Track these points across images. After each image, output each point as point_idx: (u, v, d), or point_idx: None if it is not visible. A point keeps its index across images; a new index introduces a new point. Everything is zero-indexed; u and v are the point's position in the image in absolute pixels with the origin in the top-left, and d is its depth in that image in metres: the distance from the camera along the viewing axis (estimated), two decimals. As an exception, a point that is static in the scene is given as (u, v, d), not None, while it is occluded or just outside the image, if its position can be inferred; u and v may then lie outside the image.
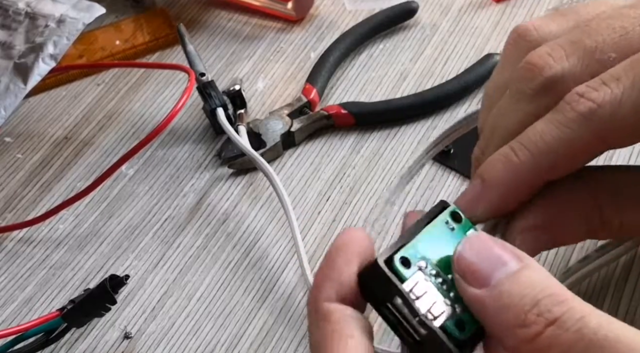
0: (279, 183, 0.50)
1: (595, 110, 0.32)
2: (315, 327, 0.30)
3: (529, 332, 0.27)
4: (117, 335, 0.46)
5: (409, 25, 0.62)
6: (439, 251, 0.31)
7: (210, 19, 0.65)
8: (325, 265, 0.31)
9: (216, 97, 0.55)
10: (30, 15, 0.58)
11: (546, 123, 0.33)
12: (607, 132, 0.32)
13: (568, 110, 0.32)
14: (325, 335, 0.29)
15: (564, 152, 0.32)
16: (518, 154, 0.33)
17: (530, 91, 0.34)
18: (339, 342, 0.29)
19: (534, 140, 0.33)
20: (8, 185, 0.55)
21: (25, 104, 0.60)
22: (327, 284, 0.30)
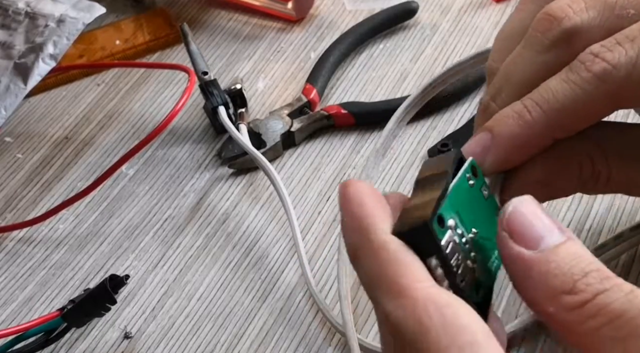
0: (279, 182, 0.50)
1: (610, 72, 0.32)
2: (372, 260, 0.29)
3: (577, 299, 0.27)
4: (117, 335, 0.46)
5: (409, 25, 0.62)
6: (466, 209, 0.31)
7: (210, 18, 0.65)
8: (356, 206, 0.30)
9: (218, 95, 0.55)
10: (30, 15, 0.58)
11: (560, 82, 0.33)
12: (620, 94, 0.32)
13: (582, 70, 0.32)
14: (387, 262, 0.28)
15: (576, 112, 0.33)
16: (531, 112, 0.33)
17: (548, 42, 0.34)
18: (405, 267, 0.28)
19: (547, 98, 0.33)
20: (8, 185, 0.55)
21: (25, 104, 0.60)
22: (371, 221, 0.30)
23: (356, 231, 0.30)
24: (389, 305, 0.28)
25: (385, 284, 0.28)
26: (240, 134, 0.54)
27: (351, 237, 0.30)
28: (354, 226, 0.30)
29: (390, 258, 0.28)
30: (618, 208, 0.48)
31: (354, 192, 0.31)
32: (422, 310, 0.27)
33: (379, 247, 0.29)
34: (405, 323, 0.27)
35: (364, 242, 0.30)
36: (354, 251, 0.30)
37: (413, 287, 0.27)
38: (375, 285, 0.29)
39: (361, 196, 0.31)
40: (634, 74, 0.32)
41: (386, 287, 0.28)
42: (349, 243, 0.30)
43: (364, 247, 0.30)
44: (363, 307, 0.46)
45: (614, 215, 0.48)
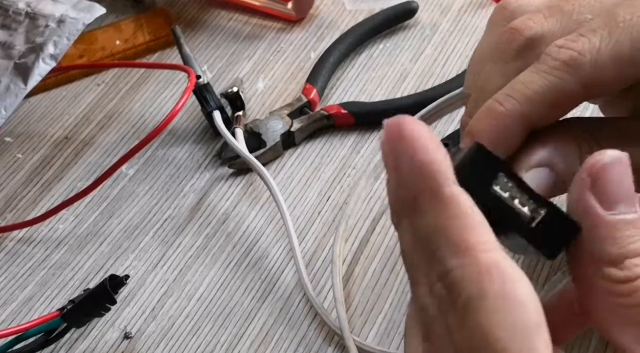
0: (275, 187, 0.50)
1: (576, 58, 0.33)
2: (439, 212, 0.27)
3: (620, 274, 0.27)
4: (117, 335, 0.46)
5: (409, 25, 0.62)
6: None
7: (210, 18, 0.65)
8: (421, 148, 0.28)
9: (212, 99, 0.55)
10: (30, 15, 0.58)
11: (530, 74, 0.34)
12: (589, 80, 0.33)
13: (550, 60, 0.34)
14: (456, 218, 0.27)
15: (549, 99, 0.34)
16: (503, 104, 0.34)
17: (513, 51, 0.36)
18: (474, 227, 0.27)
19: (519, 89, 0.34)
20: (8, 185, 0.55)
21: (25, 104, 0.60)
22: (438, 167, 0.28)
23: (419, 176, 0.28)
24: (452, 261, 0.26)
25: (451, 239, 0.27)
26: (236, 138, 0.53)
27: (411, 182, 0.28)
28: (416, 170, 0.28)
29: (460, 213, 0.27)
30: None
31: (416, 131, 0.28)
32: (485, 274, 0.26)
33: (449, 199, 0.27)
34: (465, 283, 0.26)
35: (430, 191, 0.27)
36: (412, 199, 0.28)
37: (481, 249, 0.26)
38: (437, 238, 0.27)
39: (424, 137, 0.28)
40: (599, 60, 0.33)
41: (452, 243, 0.27)
42: (406, 189, 0.28)
43: (429, 196, 0.27)
44: (363, 308, 0.46)
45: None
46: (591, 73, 0.33)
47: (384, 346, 0.44)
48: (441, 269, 0.27)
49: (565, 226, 0.29)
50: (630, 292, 0.27)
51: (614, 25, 0.34)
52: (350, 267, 0.48)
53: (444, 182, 0.27)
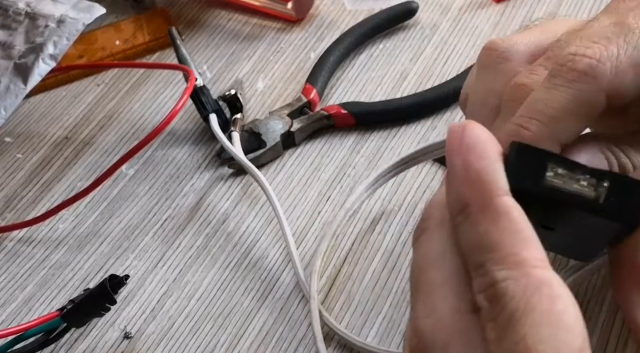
0: (270, 190, 0.50)
1: (595, 66, 0.32)
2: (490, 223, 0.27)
3: None
4: (117, 335, 0.46)
5: (409, 25, 0.62)
6: None
7: (210, 19, 0.65)
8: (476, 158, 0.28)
9: (208, 102, 0.55)
10: (30, 16, 0.58)
11: (546, 89, 0.33)
12: (611, 88, 0.32)
13: (566, 71, 0.33)
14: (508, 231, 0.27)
15: (574, 114, 0.32)
16: (529, 128, 0.33)
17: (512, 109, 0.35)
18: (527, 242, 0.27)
19: (540, 109, 0.33)
20: (8, 185, 0.55)
21: (25, 104, 0.60)
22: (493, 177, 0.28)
23: (473, 185, 0.28)
24: (500, 273, 0.26)
25: (501, 252, 0.27)
26: (232, 141, 0.53)
27: (466, 191, 0.28)
28: (471, 179, 0.28)
29: (512, 228, 0.27)
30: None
31: (476, 137, 0.28)
32: (534, 289, 0.26)
33: (501, 212, 0.27)
34: (512, 296, 0.26)
35: (482, 201, 0.27)
36: (465, 207, 0.28)
37: (532, 264, 0.26)
38: (486, 248, 0.27)
39: (483, 145, 0.28)
40: (620, 66, 0.32)
41: (502, 256, 0.27)
42: (458, 197, 0.28)
43: (481, 206, 0.28)
44: (363, 308, 0.46)
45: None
46: (613, 81, 0.32)
47: (384, 346, 0.44)
48: (487, 281, 0.27)
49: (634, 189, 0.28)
50: None
51: (629, 32, 0.33)
52: (350, 267, 0.48)
53: (497, 193, 0.27)
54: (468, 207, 0.28)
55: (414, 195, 0.51)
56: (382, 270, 0.47)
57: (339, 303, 0.46)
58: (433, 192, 0.51)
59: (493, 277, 0.26)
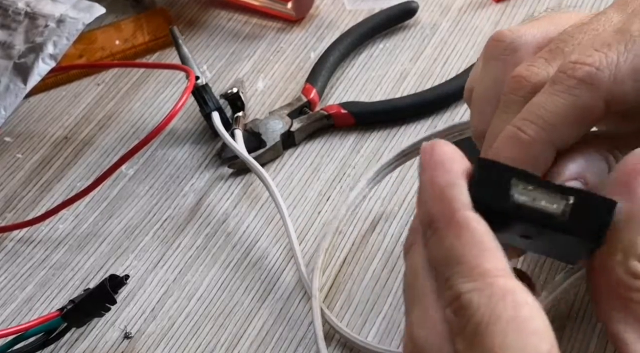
0: (274, 188, 0.50)
1: (595, 74, 0.33)
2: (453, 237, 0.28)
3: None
4: (117, 335, 0.46)
5: (409, 25, 0.62)
6: None
7: (210, 18, 0.65)
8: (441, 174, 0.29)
9: (210, 100, 0.55)
10: (30, 15, 0.58)
11: (547, 96, 0.33)
12: (610, 95, 0.33)
13: (566, 79, 0.33)
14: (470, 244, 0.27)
15: (572, 120, 0.33)
16: (527, 131, 0.33)
17: (521, 99, 0.35)
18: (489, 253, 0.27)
19: (540, 114, 0.33)
20: (8, 185, 0.55)
21: (25, 104, 0.60)
22: (455, 192, 0.28)
23: (438, 201, 0.28)
24: (465, 286, 0.27)
25: (465, 265, 0.27)
26: (235, 139, 0.53)
27: (431, 206, 0.29)
28: (436, 194, 0.29)
29: (474, 241, 0.27)
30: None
31: (442, 154, 0.29)
32: (498, 298, 0.26)
33: (464, 225, 0.28)
34: (477, 307, 0.26)
35: (446, 216, 0.28)
36: (431, 222, 0.28)
37: (494, 274, 0.27)
38: (451, 262, 0.27)
39: (450, 162, 0.29)
40: (619, 74, 0.32)
41: (466, 268, 0.27)
42: (426, 212, 0.29)
43: (445, 221, 0.28)
44: (363, 308, 0.46)
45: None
46: (611, 88, 0.33)
47: (384, 345, 0.44)
48: (452, 294, 0.27)
49: (599, 205, 0.28)
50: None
51: (630, 39, 0.33)
52: (350, 266, 0.48)
53: (458, 207, 0.28)
54: (434, 222, 0.28)
55: (414, 195, 0.51)
56: (382, 270, 0.47)
57: (339, 303, 0.46)
58: (433, 192, 0.51)
59: (458, 289, 0.27)
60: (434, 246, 0.28)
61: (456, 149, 0.30)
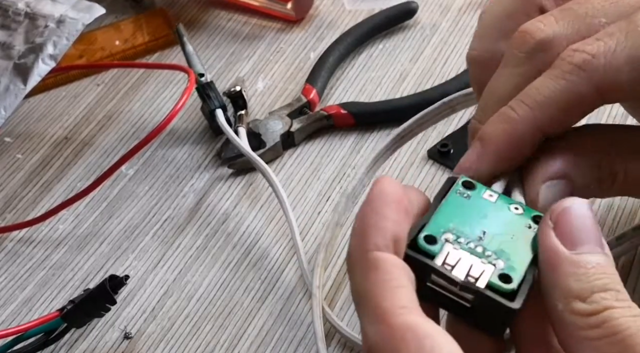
0: (278, 185, 0.50)
1: (589, 61, 0.33)
2: (361, 276, 0.28)
3: (588, 308, 0.28)
4: (117, 335, 0.46)
5: (409, 25, 0.62)
6: (462, 219, 0.31)
7: (210, 19, 0.65)
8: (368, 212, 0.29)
9: (215, 98, 0.55)
10: (30, 16, 0.58)
11: (543, 79, 0.34)
12: (603, 83, 0.33)
13: (563, 64, 0.33)
14: (374, 284, 0.28)
15: (562, 104, 0.33)
16: (516, 110, 0.34)
17: (524, 54, 0.35)
18: (391, 291, 0.27)
19: (531, 94, 0.34)
20: (8, 185, 0.55)
21: (25, 104, 0.60)
22: (373, 232, 0.29)
23: (357, 238, 0.29)
24: (368, 328, 0.27)
25: (369, 305, 0.28)
26: (239, 137, 0.54)
27: (352, 242, 0.29)
28: (357, 232, 0.29)
29: (377, 280, 0.28)
30: (618, 208, 0.48)
31: (379, 192, 0.30)
32: (399, 339, 0.26)
33: (370, 265, 0.28)
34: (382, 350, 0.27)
35: (359, 254, 0.29)
36: (349, 258, 0.29)
37: (394, 313, 0.27)
38: (359, 302, 0.28)
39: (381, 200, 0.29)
40: (614, 62, 0.33)
41: (369, 309, 0.28)
42: (349, 247, 0.29)
43: (357, 259, 0.29)
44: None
45: (614, 215, 0.48)
46: (605, 76, 0.33)
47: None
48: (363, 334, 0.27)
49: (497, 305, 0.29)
50: (598, 324, 0.28)
51: (633, 29, 0.33)
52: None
53: (370, 248, 0.28)
54: (349, 257, 0.29)
55: (414, 195, 0.51)
56: (382, 270, 0.47)
57: (339, 303, 0.46)
58: (433, 191, 0.51)
59: (365, 331, 0.27)
60: (350, 283, 0.29)
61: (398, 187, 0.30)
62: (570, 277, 0.29)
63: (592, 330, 0.28)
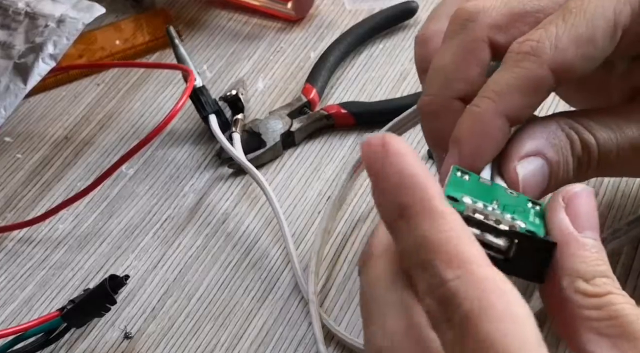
0: (270, 191, 0.50)
1: (536, 46, 0.35)
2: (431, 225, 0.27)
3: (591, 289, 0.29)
4: (117, 335, 0.46)
5: (409, 25, 0.62)
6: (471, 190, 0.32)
7: (210, 18, 0.65)
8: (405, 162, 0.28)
9: (207, 103, 0.55)
10: (30, 15, 0.58)
11: (497, 73, 0.36)
12: (554, 63, 0.35)
13: (513, 55, 0.35)
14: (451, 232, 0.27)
15: (520, 89, 0.35)
16: (479, 105, 0.35)
17: (458, 26, 0.37)
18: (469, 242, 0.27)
19: (490, 87, 0.35)
20: (8, 185, 0.55)
21: (25, 104, 0.60)
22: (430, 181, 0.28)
23: (409, 189, 0.28)
24: (449, 273, 0.26)
25: (446, 252, 0.26)
26: (233, 142, 0.53)
27: (402, 195, 0.28)
28: (406, 184, 0.28)
29: (455, 228, 0.27)
30: (613, 205, 0.48)
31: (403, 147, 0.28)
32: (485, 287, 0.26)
33: (442, 214, 0.27)
34: (464, 295, 0.26)
35: (421, 204, 0.27)
36: (404, 210, 0.28)
37: (477, 263, 0.26)
38: (431, 249, 0.27)
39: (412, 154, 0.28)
40: (559, 44, 0.35)
41: (447, 256, 0.26)
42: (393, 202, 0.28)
43: (420, 208, 0.27)
44: (363, 307, 0.46)
45: (609, 210, 0.48)
46: (554, 56, 0.35)
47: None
48: (434, 283, 0.26)
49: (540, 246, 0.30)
50: (600, 305, 0.28)
51: (567, 12, 0.35)
52: (349, 267, 0.48)
53: (436, 198, 0.27)
54: (406, 210, 0.28)
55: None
56: (382, 270, 0.47)
57: (338, 304, 0.46)
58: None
59: (441, 277, 0.26)
60: (409, 235, 0.28)
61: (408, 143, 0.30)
62: (577, 258, 0.29)
63: (594, 310, 0.28)
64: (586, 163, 0.37)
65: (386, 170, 0.28)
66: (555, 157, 0.36)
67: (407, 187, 0.28)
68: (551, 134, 0.36)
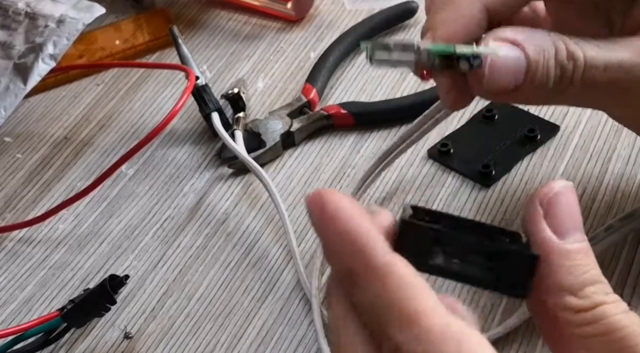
0: (273, 188, 0.50)
1: None
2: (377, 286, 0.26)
3: (581, 303, 0.28)
4: (117, 335, 0.46)
5: (409, 25, 0.62)
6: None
7: (210, 18, 0.65)
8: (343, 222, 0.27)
9: (210, 101, 0.55)
10: (30, 16, 0.58)
11: None
12: None
13: None
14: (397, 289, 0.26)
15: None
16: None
17: None
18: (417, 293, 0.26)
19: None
20: (8, 185, 0.55)
21: (25, 104, 0.60)
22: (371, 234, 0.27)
23: (350, 254, 0.27)
24: (401, 336, 0.25)
25: (396, 312, 0.26)
26: (235, 140, 0.53)
27: (344, 261, 0.27)
28: (346, 248, 0.27)
29: (400, 284, 0.26)
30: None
31: (336, 205, 0.27)
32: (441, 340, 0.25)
33: (385, 271, 0.26)
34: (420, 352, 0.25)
35: (364, 267, 0.26)
36: (350, 276, 0.27)
37: (429, 314, 0.26)
38: (382, 311, 0.26)
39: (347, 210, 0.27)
40: None
41: (397, 316, 0.26)
42: (340, 269, 0.27)
43: (364, 273, 0.27)
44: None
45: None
46: None
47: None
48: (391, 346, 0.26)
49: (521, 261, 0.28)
50: (590, 321, 0.27)
51: None
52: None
53: (376, 254, 0.26)
54: (354, 275, 0.27)
55: (414, 195, 0.51)
56: (382, 270, 0.47)
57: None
58: (433, 191, 0.51)
59: (396, 340, 0.26)
60: (360, 298, 0.27)
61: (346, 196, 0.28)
62: (563, 270, 0.28)
63: (586, 327, 0.27)
64: (569, 76, 0.36)
65: (329, 233, 0.27)
66: (535, 56, 0.35)
67: (350, 251, 0.27)
68: (537, 35, 0.36)
